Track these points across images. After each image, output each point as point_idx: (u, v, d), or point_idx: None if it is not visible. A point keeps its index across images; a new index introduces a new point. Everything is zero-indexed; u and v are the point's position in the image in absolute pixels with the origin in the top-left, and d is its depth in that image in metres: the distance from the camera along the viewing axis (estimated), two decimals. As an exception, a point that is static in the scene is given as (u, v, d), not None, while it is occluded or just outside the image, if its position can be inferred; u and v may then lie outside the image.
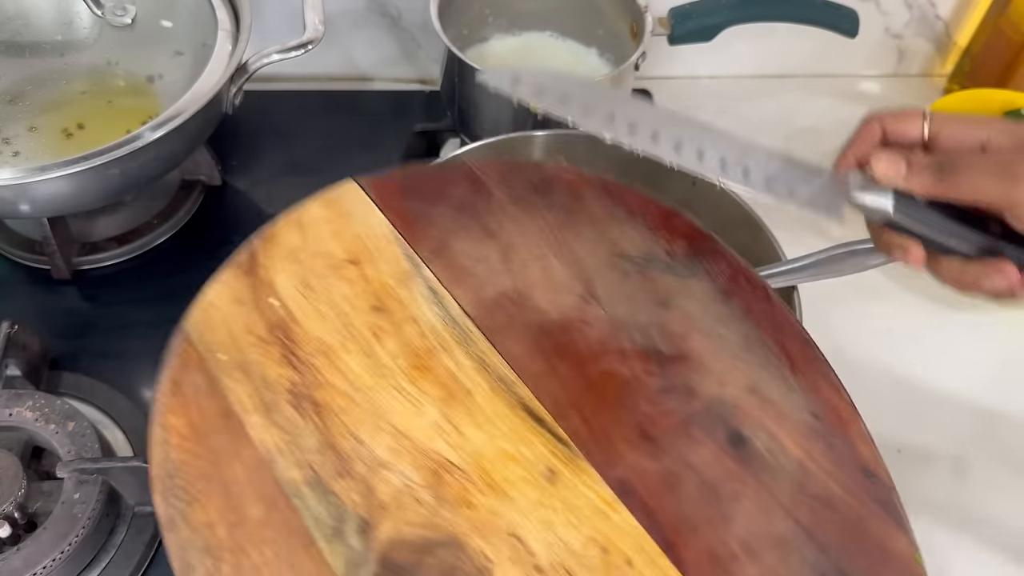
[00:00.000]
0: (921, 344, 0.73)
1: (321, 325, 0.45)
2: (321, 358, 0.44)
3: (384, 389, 0.43)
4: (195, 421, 0.42)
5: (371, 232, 0.49)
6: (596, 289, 0.48)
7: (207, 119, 0.68)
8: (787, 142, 0.85)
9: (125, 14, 0.73)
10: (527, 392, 0.44)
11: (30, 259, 0.72)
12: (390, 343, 0.45)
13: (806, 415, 0.44)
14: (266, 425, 0.42)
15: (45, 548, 0.52)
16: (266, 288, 0.46)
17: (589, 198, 0.52)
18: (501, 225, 0.50)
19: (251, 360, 0.44)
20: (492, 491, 0.41)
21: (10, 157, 0.67)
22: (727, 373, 0.46)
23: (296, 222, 0.49)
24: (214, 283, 0.47)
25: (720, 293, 0.49)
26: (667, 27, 0.76)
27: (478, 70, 0.71)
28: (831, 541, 0.40)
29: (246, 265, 0.47)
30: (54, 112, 0.71)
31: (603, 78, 0.75)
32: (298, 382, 0.43)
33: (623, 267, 0.49)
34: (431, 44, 0.87)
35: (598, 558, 0.39)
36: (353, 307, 0.46)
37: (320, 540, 0.39)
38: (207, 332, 0.45)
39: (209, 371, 0.43)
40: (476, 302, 0.47)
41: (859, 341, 0.72)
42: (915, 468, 0.66)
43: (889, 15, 0.90)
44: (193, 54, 0.71)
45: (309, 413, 0.42)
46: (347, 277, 0.47)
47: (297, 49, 0.68)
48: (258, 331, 0.45)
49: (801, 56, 0.92)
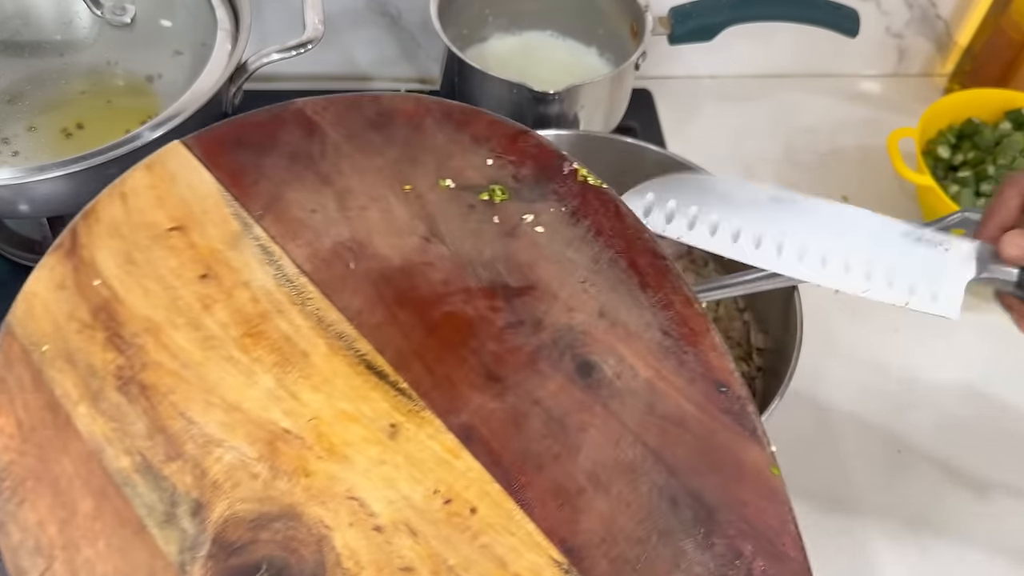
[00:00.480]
0: (927, 344, 0.72)
1: (146, 301, 0.43)
2: (147, 337, 0.42)
3: (214, 362, 0.42)
4: (21, 418, 0.40)
5: (196, 194, 0.47)
6: (439, 227, 0.46)
7: (207, 119, 0.66)
8: (787, 142, 0.87)
9: (124, 14, 0.72)
10: (367, 346, 0.42)
11: (30, 259, 0.72)
12: (220, 312, 0.43)
13: (656, 333, 0.43)
14: (93, 415, 0.40)
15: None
16: (88, 269, 0.44)
17: (430, 128, 0.50)
18: (338, 169, 0.48)
19: (75, 348, 0.42)
20: (331, 455, 0.39)
21: (9, 157, 0.67)
22: (575, 299, 0.44)
23: (118, 193, 0.47)
24: (36, 270, 0.44)
25: (569, 216, 0.47)
26: (667, 27, 0.76)
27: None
28: (680, 462, 0.40)
29: (67, 246, 0.45)
30: (53, 112, 0.70)
31: (603, 77, 0.74)
32: (124, 365, 0.41)
33: (468, 199, 0.47)
34: (431, 44, 0.86)
35: (441, 510, 0.38)
36: (179, 278, 0.44)
37: (152, 527, 0.38)
38: (30, 323, 0.43)
39: (33, 364, 0.42)
40: (311, 256, 0.45)
41: (863, 341, 0.72)
42: (915, 468, 0.66)
43: (890, 14, 0.90)
44: (192, 54, 0.70)
45: (137, 397, 0.41)
46: (172, 246, 0.45)
47: (297, 49, 0.67)
48: (81, 316, 0.43)
49: (801, 56, 0.92)
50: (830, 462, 0.66)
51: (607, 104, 0.76)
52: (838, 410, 0.69)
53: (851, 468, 0.66)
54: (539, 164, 0.48)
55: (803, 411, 0.68)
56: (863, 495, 0.64)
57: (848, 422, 0.68)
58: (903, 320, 0.71)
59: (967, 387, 0.71)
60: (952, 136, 0.82)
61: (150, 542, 0.37)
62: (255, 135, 0.49)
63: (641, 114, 0.86)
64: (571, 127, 0.73)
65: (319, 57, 0.70)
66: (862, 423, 0.68)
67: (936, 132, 0.82)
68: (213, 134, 0.49)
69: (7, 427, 0.40)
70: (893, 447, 0.67)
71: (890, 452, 0.67)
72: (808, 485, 0.64)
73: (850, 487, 0.65)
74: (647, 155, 0.67)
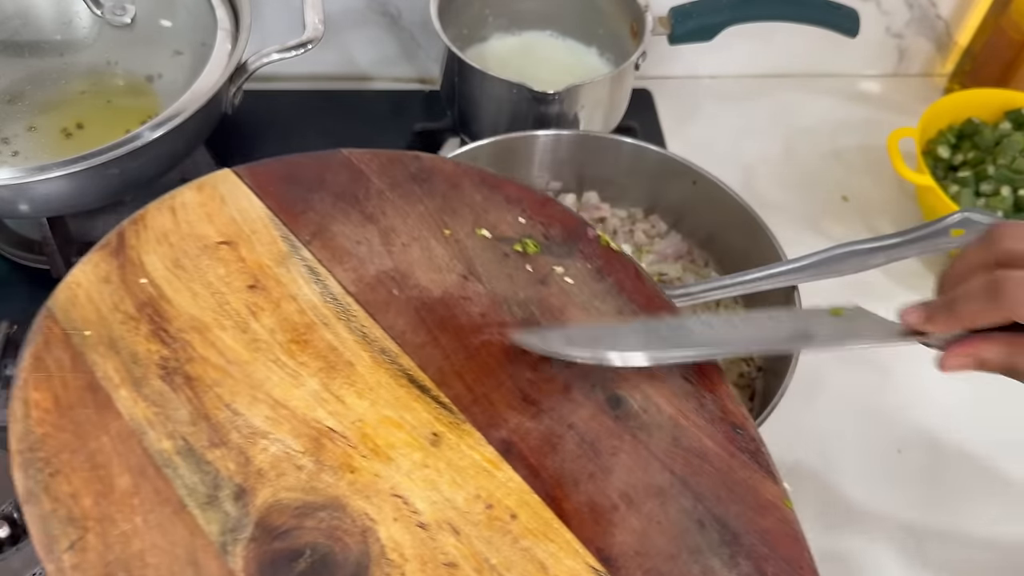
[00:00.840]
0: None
1: (193, 303, 0.44)
2: (193, 334, 0.43)
3: (261, 362, 0.43)
4: (59, 395, 0.40)
5: (246, 215, 0.49)
6: (477, 268, 0.49)
7: (206, 119, 0.66)
8: (787, 142, 0.88)
9: (124, 14, 0.72)
10: (410, 362, 0.44)
11: (30, 259, 0.71)
12: (267, 319, 0.44)
13: (678, 378, 0.46)
14: (135, 398, 0.40)
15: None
16: (135, 268, 0.45)
17: (467, 187, 0.53)
18: (381, 210, 0.51)
19: (118, 336, 0.42)
20: (375, 455, 0.40)
21: (9, 157, 0.66)
22: None
23: (168, 206, 0.49)
24: (80, 264, 0.45)
25: (595, 272, 0.51)
26: (667, 26, 0.76)
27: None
28: (705, 490, 0.42)
29: (114, 246, 0.46)
30: (53, 112, 0.70)
31: (603, 77, 0.75)
32: (169, 357, 0.42)
33: (502, 249, 0.51)
34: (431, 44, 0.87)
35: (483, 513, 0.39)
36: (228, 286, 0.45)
37: (193, 507, 0.37)
38: (72, 310, 0.43)
39: (74, 347, 0.42)
40: (356, 280, 0.47)
41: None
42: (916, 468, 0.66)
43: (890, 14, 0.90)
44: (192, 53, 0.70)
45: (181, 386, 0.41)
46: (221, 257, 0.47)
47: (297, 48, 0.67)
48: (126, 308, 0.44)
49: (801, 56, 0.92)
50: (830, 461, 0.65)
51: (607, 104, 0.76)
52: (838, 410, 0.68)
53: (851, 467, 0.65)
54: (566, 227, 0.53)
55: (803, 411, 0.67)
56: (863, 495, 0.64)
57: (848, 422, 0.68)
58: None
59: (965, 386, 0.69)
60: (952, 136, 0.81)
61: (191, 521, 0.37)
62: (303, 173, 0.52)
63: (641, 114, 0.86)
64: (571, 127, 0.73)
65: (319, 57, 0.71)
66: (862, 423, 0.68)
67: (936, 132, 0.82)
68: (262, 167, 0.52)
69: (43, 402, 0.39)
70: (893, 447, 0.66)
71: (890, 452, 0.66)
72: (808, 485, 0.64)
73: (850, 487, 0.64)
74: (647, 155, 0.68)
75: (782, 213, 0.76)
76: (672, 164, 0.68)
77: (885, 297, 0.79)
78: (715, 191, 0.67)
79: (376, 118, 0.86)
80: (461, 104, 0.77)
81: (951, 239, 0.55)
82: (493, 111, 0.75)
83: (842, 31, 0.76)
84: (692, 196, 0.68)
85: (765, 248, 0.63)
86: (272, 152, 0.51)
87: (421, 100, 0.89)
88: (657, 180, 0.70)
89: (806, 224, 0.82)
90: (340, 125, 0.85)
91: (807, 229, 0.81)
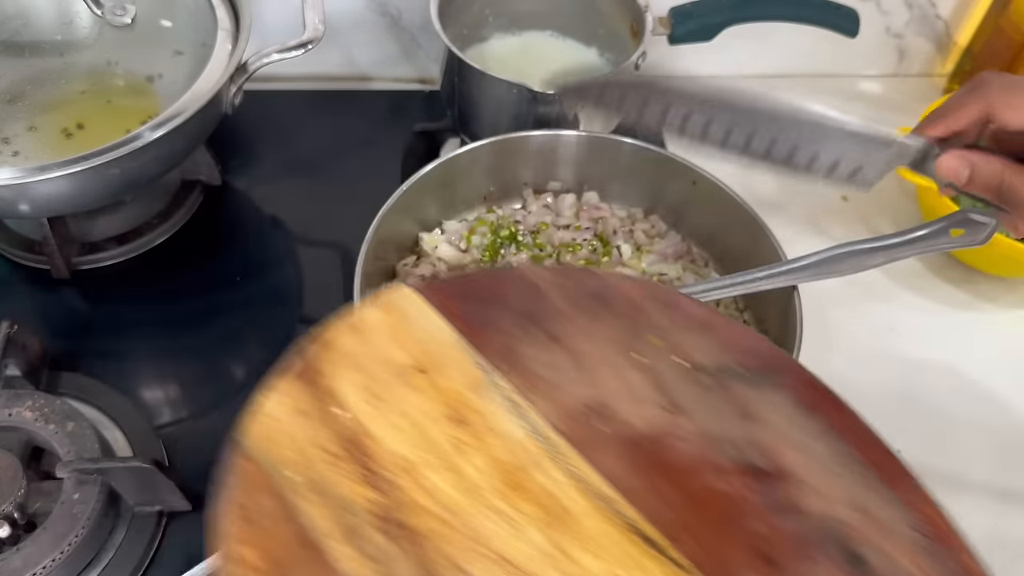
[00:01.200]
0: (923, 342, 0.72)
1: (397, 438, 0.40)
2: (403, 475, 0.39)
3: (478, 510, 0.38)
4: (273, 553, 0.36)
5: (433, 337, 0.45)
6: (678, 399, 0.44)
7: (207, 119, 0.67)
8: None
9: (125, 14, 0.72)
10: (633, 512, 0.39)
11: (30, 259, 0.71)
12: (476, 457, 0.40)
13: (909, 530, 0.41)
14: (350, 553, 0.36)
15: (45, 548, 0.51)
16: (328, 397, 0.41)
17: (650, 309, 0.48)
18: (565, 331, 0.46)
19: (326, 479, 0.38)
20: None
21: (9, 157, 0.66)
22: (827, 489, 0.42)
23: (351, 326, 0.45)
24: (268, 392, 0.41)
25: (801, 407, 0.45)
26: (667, 27, 0.76)
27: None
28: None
29: (302, 372, 0.42)
30: (54, 112, 0.70)
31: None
32: (382, 504, 0.38)
33: (699, 378, 0.45)
34: (431, 44, 0.87)
35: None
36: (429, 418, 0.41)
37: None
38: (270, 447, 0.39)
39: (279, 492, 0.37)
40: (558, 413, 0.42)
41: (860, 340, 0.72)
42: (915, 467, 0.66)
43: (889, 15, 0.90)
44: (193, 54, 0.70)
45: (399, 539, 0.37)
46: (416, 386, 0.42)
47: (297, 49, 0.67)
48: (328, 446, 0.39)
49: (801, 56, 0.92)
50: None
51: (607, 104, 0.76)
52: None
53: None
54: (760, 354, 0.48)
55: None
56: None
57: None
58: (900, 319, 0.74)
59: (967, 385, 0.70)
60: (952, 136, 0.83)
61: None
62: (482, 290, 0.48)
63: (641, 114, 0.86)
64: (571, 127, 0.73)
65: (319, 57, 0.71)
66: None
67: (936, 132, 0.83)
68: (440, 285, 0.49)
69: (256, 562, 0.35)
70: (892, 446, 0.67)
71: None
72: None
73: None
74: (647, 155, 0.68)
75: (782, 213, 0.76)
76: (672, 164, 0.68)
77: (885, 297, 0.78)
78: (715, 191, 0.67)
79: (376, 118, 0.86)
80: (461, 104, 0.77)
81: (951, 239, 0.55)
82: (493, 111, 0.75)
83: (842, 31, 0.76)
84: (692, 196, 0.68)
85: (765, 248, 0.63)
86: (273, 152, 0.50)
87: (421, 100, 0.89)
88: (657, 180, 0.70)
89: (806, 224, 0.81)
90: (340, 125, 0.85)
91: (807, 229, 0.81)
